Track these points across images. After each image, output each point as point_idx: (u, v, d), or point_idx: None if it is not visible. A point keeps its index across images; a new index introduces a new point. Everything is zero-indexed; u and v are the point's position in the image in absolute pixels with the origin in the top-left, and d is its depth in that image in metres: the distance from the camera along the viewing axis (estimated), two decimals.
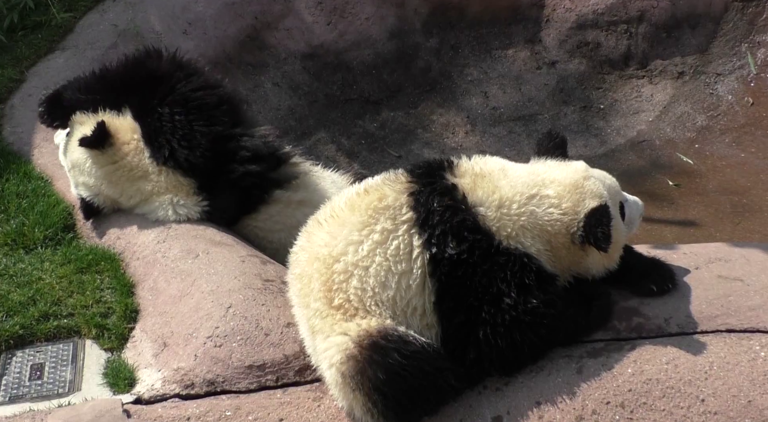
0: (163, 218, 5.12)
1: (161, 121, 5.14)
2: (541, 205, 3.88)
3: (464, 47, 9.16)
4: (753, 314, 3.88)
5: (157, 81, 5.25)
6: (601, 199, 3.92)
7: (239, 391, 4.06)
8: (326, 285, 3.81)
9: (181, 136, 5.11)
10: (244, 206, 5.26)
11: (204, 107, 5.21)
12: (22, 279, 4.93)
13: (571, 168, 4.03)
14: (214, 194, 5.16)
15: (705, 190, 7.84)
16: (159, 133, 5.13)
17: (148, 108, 5.17)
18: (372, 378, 3.59)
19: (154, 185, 5.14)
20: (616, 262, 4.07)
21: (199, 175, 5.12)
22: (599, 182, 4.00)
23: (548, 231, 3.87)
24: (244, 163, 5.17)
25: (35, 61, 7.15)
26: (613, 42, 9.00)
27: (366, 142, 8.58)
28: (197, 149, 5.10)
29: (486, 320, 3.72)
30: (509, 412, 3.77)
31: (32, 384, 4.42)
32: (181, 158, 5.09)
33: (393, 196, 3.88)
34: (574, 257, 3.94)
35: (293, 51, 8.66)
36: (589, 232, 3.82)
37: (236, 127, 5.27)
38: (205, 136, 5.13)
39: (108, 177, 5.16)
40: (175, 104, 5.16)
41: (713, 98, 8.70)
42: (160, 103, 5.16)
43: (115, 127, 5.15)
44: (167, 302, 4.58)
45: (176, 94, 5.19)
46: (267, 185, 5.25)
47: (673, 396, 3.67)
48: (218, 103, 5.27)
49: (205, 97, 5.24)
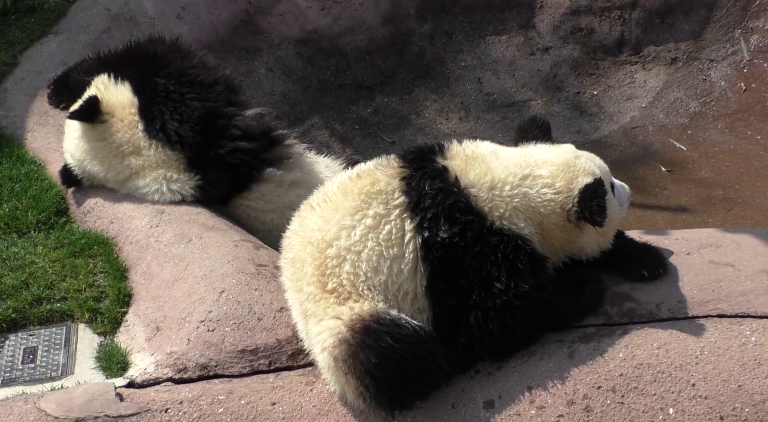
0: (158, 197, 5.11)
1: (156, 92, 5.17)
2: (534, 185, 3.89)
3: (458, 33, 9.16)
4: (744, 299, 3.89)
5: (156, 59, 5.33)
6: (593, 175, 3.94)
7: (232, 375, 4.07)
8: (319, 270, 3.82)
9: (173, 109, 5.12)
10: (235, 184, 5.25)
11: (198, 83, 5.25)
12: (14, 263, 4.92)
13: (561, 149, 4.05)
14: (204, 170, 5.16)
15: (697, 176, 7.87)
16: (153, 104, 5.15)
17: (146, 81, 5.21)
18: (364, 362, 3.59)
19: (145, 160, 5.13)
20: (610, 241, 4.08)
21: (188, 149, 5.11)
22: (590, 161, 4.03)
23: (541, 212, 3.88)
24: (234, 139, 5.17)
25: (28, 45, 7.11)
26: (607, 28, 9.00)
27: (359, 127, 8.58)
28: (188, 123, 5.11)
29: (477, 304, 3.73)
30: (501, 396, 3.78)
31: (25, 368, 4.43)
32: (171, 131, 5.09)
33: (385, 180, 3.88)
34: (569, 236, 3.95)
35: (287, 36, 8.64)
36: (585, 207, 3.83)
37: (230, 107, 5.29)
38: (197, 110, 5.14)
39: (95, 152, 5.19)
40: (169, 77, 5.20)
41: (706, 84, 8.71)
42: (156, 74, 5.20)
43: (110, 104, 5.18)
44: (160, 286, 4.58)
45: (171, 68, 5.24)
46: (257, 163, 5.24)
47: (664, 381, 3.68)
48: (213, 82, 5.31)
49: (200, 74, 5.29)
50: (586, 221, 3.87)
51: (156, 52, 5.39)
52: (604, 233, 4.02)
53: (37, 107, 6.25)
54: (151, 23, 7.53)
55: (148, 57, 5.36)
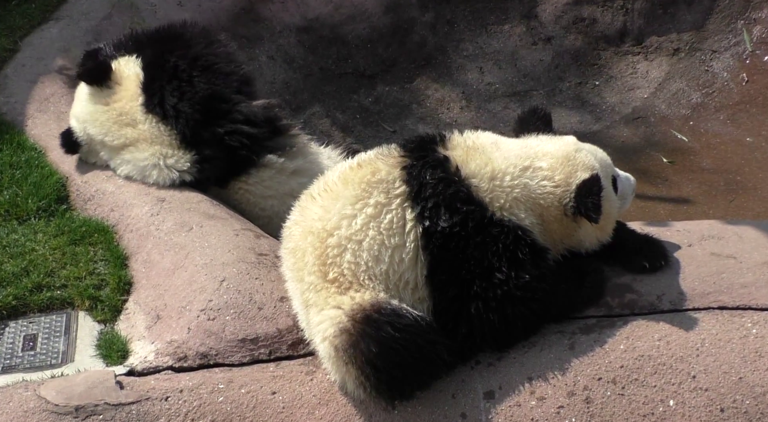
0: (156, 173, 5.15)
1: (163, 69, 5.25)
2: (534, 177, 3.88)
3: (460, 22, 9.13)
4: (745, 291, 3.89)
5: (179, 40, 5.44)
6: (592, 170, 3.92)
7: (232, 364, 4.07)
8: (320, 259, 3.82)
9: (176, 87, 5.20)
10: (233, 166, 5.26)
11: (212, 69, 5.32)
12: (15, 250, 4.92)
13: (562, 141, 4.04)
14: (200, 148, 5.18)
15: (699, 168, 7.85)
16: (156, 80, 5.24)
17: (159, 59, 5.31)
18: (365, 352, 3.60)
19: (140, 133, 5.19)
20: (609, 235, 4.08)
21: (183, 125, 5.15)
22: (590, 155, 4.01)
23: (540, 204, 3.88)
24: (235, 122, 5.20)
25: (29, 30, 7.10)
26: (609, 18, 8.97)
27: (361, 116, 8.57)
28: (189, 101, 5.16)
29: (478, 294, 3.74)
30: (501, 387, 3.78)
31: (25, 355, 4.43)
32: (168, 106, 5.16)
33: (386, 169, 3.88)
34: (567, 230, 3.95)
35: (288, 24, 8.61)
36: (580, 203, 3.83)
37: (238, 95, 5.34)
38: (202, 91, 5.20)
39: (96, 116, 5.28)
40: (183, 58, 5.28)
41: (708, 75, 8.68)
42: (171, 54, 5.29)
43: (120, 74, 5.32)
44: (161, 275, 4.58)
45: (190, 51, 5.33)
46: (257, 148, 5.25)
47: (665, 373, 3.69)
48: (228, 73, 5.38)
49: (219, 62, 5.38)
50: (582, 216, 3.86)
51: (181, 34, 5.49)
52: (603, 227, 4.01)
53: (37, 93, 6.24)
54: (152, 10, 7.52)
55: (172, 38, 5.47)
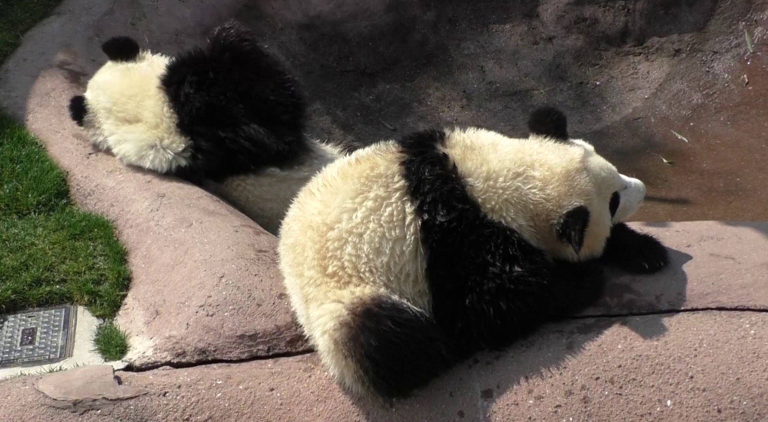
0: (153, 154, 5.18)
1: (199, 63, 5.32)
2: (526, 183, 3.89)
3: (461, 21, 9.13)
4: (744, 292, 3.89)
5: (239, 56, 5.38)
6: (586, 198, 3.91)
7: (230, 360, 4.08)
8: (320, 253, 3.82)
9: (198, 80, 5.22)
10: (231, 165, 5.27)
11: (250, 93, 5.30)
12: (14, 244, 4.92)
13: (568, 155, 3.98)
14: (196, 138, 5.20)
15: (699, 169, 7.86)
16: (182, 67, 5.32)
17: (203, 60, 5.36)
18: (364, 345, 3.60)
19: (145, 109, 5.24)
20: (599, 252, 4.08)
21: (185, 113, 5.18)
22: (591, 178, 3.96)
23: (531, 209, 3.88)
24: (239, 137, 5.19)
25: (30, 25, 7.09)
26: (611, 18, 8.97)
27: (361, 114, 8.57)
28: (203, 92, 5.20)
29: (472, 288, 3.75)
30: (499, 386, 3.78)
31: (23, 349, 4.43)
32: (182, 91, 5.19)
33: (384, 164, 3.90)
34: (555, 244, 3.96)
35: (290, 21, 8.61)
36: (563, 232, 3.84)
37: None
38: (222, 94, 5.21)
39: (110, 85, 5.40)
40: (221, 63, 5.31)
41: (709, 76, 8.69)
42: (217, 64, 5.33)
43: (151, 56, 5.55)
44: (160, 270, 4.58)
45: (239, 60, 5.34)
46: (257, 161, 5.24)
47: (663, 373, 3.69)
48: (265, 95, 5.32)
49: (263, 90, 5.32)
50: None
51: (239, 47, 5.41)
52: (591, 247, 4.01)
53: (38, 88, 6.24)
54: (154, 6, 7.53)
55: (236, 57, 5.38)
